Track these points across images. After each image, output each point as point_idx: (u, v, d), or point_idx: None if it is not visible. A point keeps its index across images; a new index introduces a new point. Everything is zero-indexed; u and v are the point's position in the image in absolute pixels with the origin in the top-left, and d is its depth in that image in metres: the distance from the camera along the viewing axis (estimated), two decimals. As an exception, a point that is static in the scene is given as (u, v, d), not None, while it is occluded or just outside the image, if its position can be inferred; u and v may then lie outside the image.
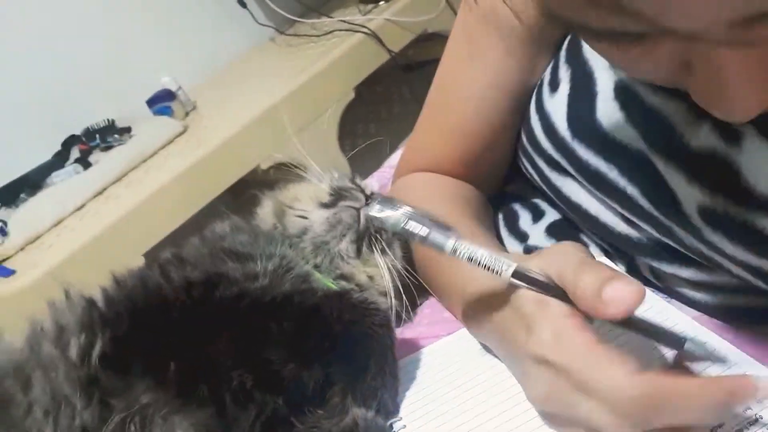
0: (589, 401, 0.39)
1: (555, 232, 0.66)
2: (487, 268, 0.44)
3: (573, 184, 0.58)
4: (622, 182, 0.51)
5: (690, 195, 0.46)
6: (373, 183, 0.94)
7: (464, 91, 0.67)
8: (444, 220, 0.46)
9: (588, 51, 0.55)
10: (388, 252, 0.63)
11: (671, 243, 0.51)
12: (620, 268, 0.59)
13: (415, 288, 0.64)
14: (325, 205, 0.65)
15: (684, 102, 0.47)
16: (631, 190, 0.51)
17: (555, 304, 0.43)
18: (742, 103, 0.33)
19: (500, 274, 0.43)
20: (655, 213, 0.49)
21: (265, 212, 0.68)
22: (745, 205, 0.43)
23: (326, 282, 0.61)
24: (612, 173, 0.52)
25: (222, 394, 0.48)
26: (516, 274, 0.43)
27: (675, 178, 0.47)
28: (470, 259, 0.44)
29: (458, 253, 0.44)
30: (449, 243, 0.44)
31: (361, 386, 0.51)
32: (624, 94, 0.51)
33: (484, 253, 0.44)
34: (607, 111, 0.52)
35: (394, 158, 0.97)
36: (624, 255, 0.59)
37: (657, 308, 0.52)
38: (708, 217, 0.45)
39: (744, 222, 0.44)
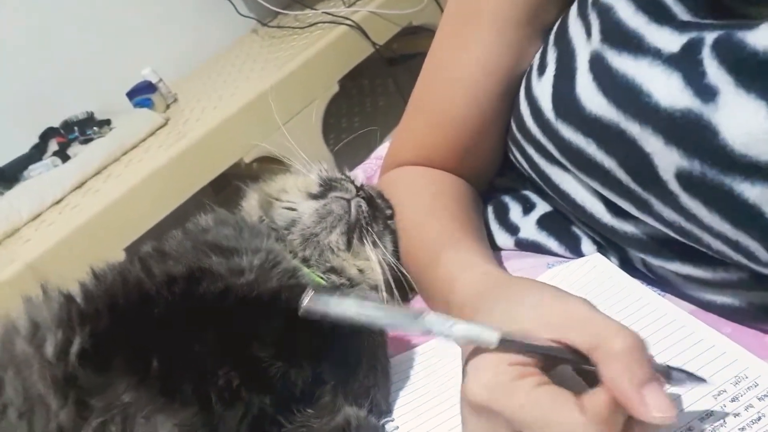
0: None
1: (546, 224, 0.65)
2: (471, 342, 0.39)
3: (561, 172, 0.58)
4: (599, 156, 0.50)
5: (668, 158, 0.44)
6: (358, 174, 0.93)
7: (454, 76, 0.66)
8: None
9: (573, 30, 0.55)
10: (380, 245, 0.61)
11: (651, 221, 0.49)
12: (614, 261, 0.58)
13: (406, 282, 0.62)
14: (315, 196, 0.63)
15: (646, 56, 0.46)
16: (609, 163, 0.49)
17: (489, 355, 0.39)
18: None
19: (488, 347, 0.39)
20: (633, 185, 0.48)
21: (251, 205, 0.66)
22: (721, 167, 0.42)
23: (315, 277, 0.59)
24: (590, 148, 0.51)
25: (207, 392, 0.46)
26: (503, 342, 0.38)
27: (651, 141, 0.45)
28: (449, 337, 0.39)
29: (435, 333, 0.39)
30: (421, 326, 0.39)
31: (353, 385, 0.49)
32: (597, 63, 0.50)
33: (461, 330, 0.39)
34: (584, 84, 0.51)
35: (381, 150, 0.96)
36: (616, 247, 0.58)
37: (652, 304, 0.51)
38: (685, 182, 0.44)
39: (721, 185, 0.42)
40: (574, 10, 0.56)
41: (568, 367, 0.40)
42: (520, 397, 0.36)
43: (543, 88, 0.56)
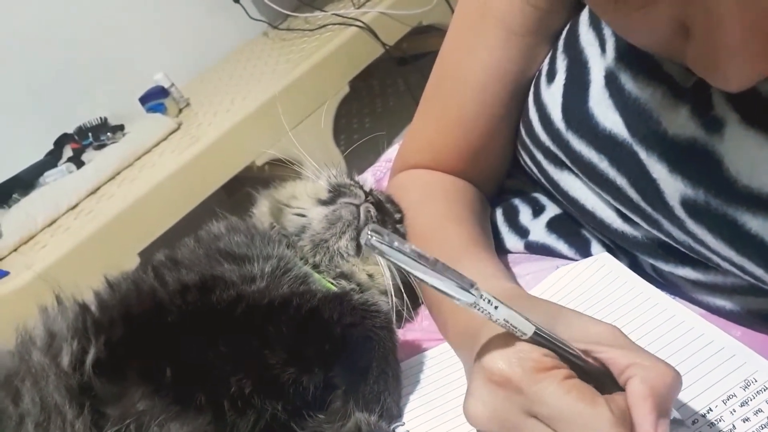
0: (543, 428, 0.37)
1: (556, 227, 0.65)
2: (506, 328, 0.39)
3: (570, 177, 0.57)
4: (611, 173, 0.50)
5: (672, 186, 0.45)
6: (368, 177, 0.93)
7: (463, 80, 0.66)
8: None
9: (584, 40, 0.55)
10: None
11: (662, 237, 0.50)
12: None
13: (415, 286, 0.63)
14: (324, 202, 0.63)
15: (660, 86, 0.46)
16: (621, 181, 0.50)
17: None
18: (738, 70, 0.32)
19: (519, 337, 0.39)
20: (643, 204, 0.49)
21: (262, 211, 0.67)
22: (726, 198, 0.42)
23: (325, 283, 0.59)
24: (602, 164, 0.51)
25: (220, 400, 0.47)
26: (536, 334, 0.39)
27: (657, 168, 0.46)
28: (489, 316, 0.38)
29: (478, 308, 0.38)
30: (468, 297, 0.37)
31: (364, 390, 0.49)
32: (612, 81, 0.50)
33: (504, 312, 0.38)
34: (598, 100, 0.51)
35: (391, 152, 0.96)
36: (626, 252, 0.58)
37: (662, 305, 0.51)
38: (690, 209, 0.44)
39: (725, 215, 0.43)
40: (584, 17, 0.56)
41: None
42: (552, 384, 0.36)
43: (552, 96, 0.56)
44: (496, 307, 0.38)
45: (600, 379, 0.39)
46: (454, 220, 0.64)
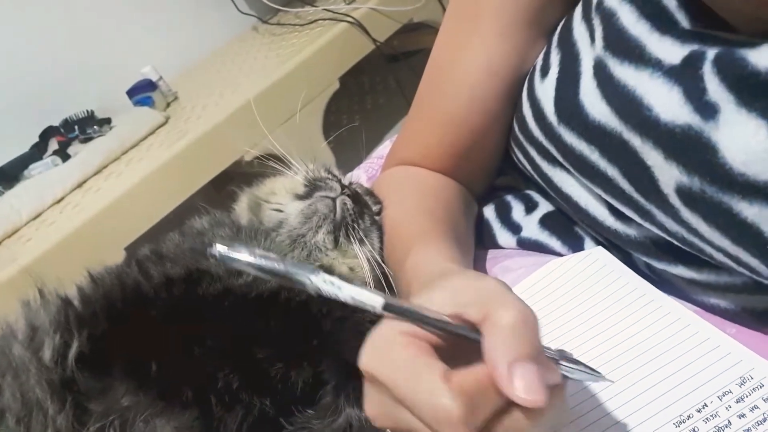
0: (412, 415, 0.34)
1: (549, 223, 0.65)
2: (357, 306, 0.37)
3: (563, 174, 0.57)
4: (602, 164, 0.50)
5: (668, 173, 0.44)
6: (360, 174, 0.92)
7: (455, 76, 0.66)
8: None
9: (577, 33, 0.54)
10: (366, 242, 0.61)
11: (654, 230, 0.49)
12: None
13: (385, 280, 0.62)
14: (300, 197, 0.63)
15: (647, 67, 0.46)
16: (612, 171, 0.49)
17: (387, 323, 0.37)
18: None
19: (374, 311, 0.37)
20: (635, 195, 0.48)
21: (242, 207, 0.67)
22: (721, 185, 0.42)
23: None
24: (593, 155, 0.51)
25: (207, 395, 0.46)
26: (387, 307, 0.36)
27: (653, 155, 0.45)
28: (336, 297, 0.37)
29: (322, 290, 0.37)
30: (310, 280, 0.36)
31: (354, 385, 0.48)
32: (600, 70, 0.50)
33: (349, 290, 0.37)
34: (587, 91, 0.51)
35: (383, 149, 0.95)
36: (620, 249, 0.58)
37: (657, 301, 0.50)
38: (685, 197, 0.44)
39: (720, 203, 0.42)
40: (578, 12, 0.56)
41: None
42: (396, 363, 0.34)
43: (546, 91, 0.56)
44: (339, 288, 0.36)
45: (476, 339, 0.35)
46: (419, 214, 0.63)
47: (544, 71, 0.57)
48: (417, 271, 0.53)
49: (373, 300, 0.36)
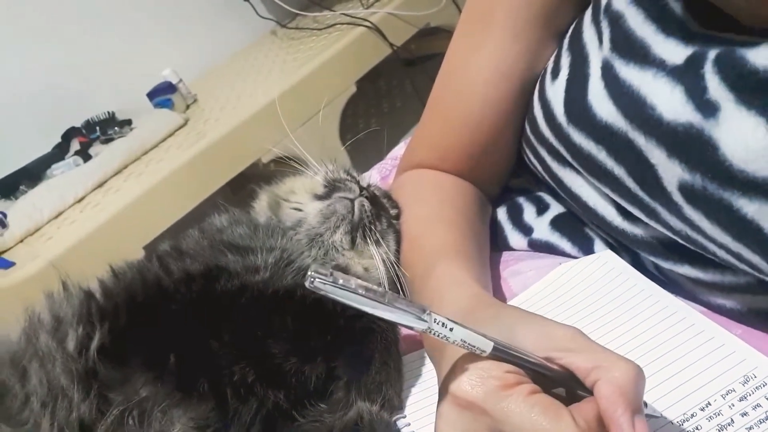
0: None
1: (559, 225, 0.65)
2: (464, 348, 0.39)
3: (573, 174, 0.58)
4: (609, 163, 0.51)
5: (670, 170, 0.45)
6: (374, 174, 0.93)
7: (469, 78, 0.66)
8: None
9: (587, 35, 0.55)
10: (382, 243, 0.62)
11: (660, 228, 0.50)
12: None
13: (400, 284, 0.63)
14: (320, 197, 0.64)
15: (651, 68, 0.47)
16: (618, 170, 0.50)
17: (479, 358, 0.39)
18: None
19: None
20: (641, 194, 0.49)
21: (261, 206, 0.68)
22: (721, 182, 0.42)
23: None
24: (601, 155, 0.52)
25: (223, 387, 0.47)
26: (496, 350, 0.39)
27: (656, 153, 0.46)
28: (446, 339, 0.38)
29: (434, 333, 0.38)
30: (422, 324, 0.38)
31: (366, 380, 0.50)
32: (607, 70, 0.51)
33: (461, 333, 0.38)
34: (596, 91, 0.51)
35: (398, 150, 0.96)
36: (628, 250, 0.58)
37: (663, 302, 0.51)
38: (688, 194, 0.45)
39: (721, 200, 0.43)
40: (588, 15, 0.57)
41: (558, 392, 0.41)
42: (516, 402, 0.36)
43: (556, 92, 0.57)
44: (451, 329, 0.38)
45: (568, 384, 0.39)
46: (440, 223, 0.64)
47: (555, 73, 0.58)
48: (447, 289, 0.53)
49: (483, 344, 0.38)
